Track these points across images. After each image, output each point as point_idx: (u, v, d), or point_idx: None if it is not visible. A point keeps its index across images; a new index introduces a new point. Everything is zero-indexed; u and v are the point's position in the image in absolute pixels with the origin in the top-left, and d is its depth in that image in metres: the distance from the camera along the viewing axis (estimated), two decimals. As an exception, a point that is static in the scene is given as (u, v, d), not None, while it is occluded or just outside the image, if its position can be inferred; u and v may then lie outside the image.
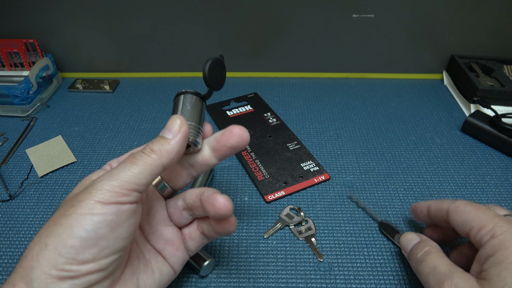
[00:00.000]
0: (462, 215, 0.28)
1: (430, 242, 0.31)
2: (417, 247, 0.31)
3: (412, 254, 0.31)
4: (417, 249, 0.30)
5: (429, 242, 0.31)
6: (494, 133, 0.49)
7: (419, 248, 0.30)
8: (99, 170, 0.30)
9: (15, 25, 0.60)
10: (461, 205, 0.28)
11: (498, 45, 0.61)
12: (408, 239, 0.32)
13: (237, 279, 0.34)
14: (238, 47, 0.62)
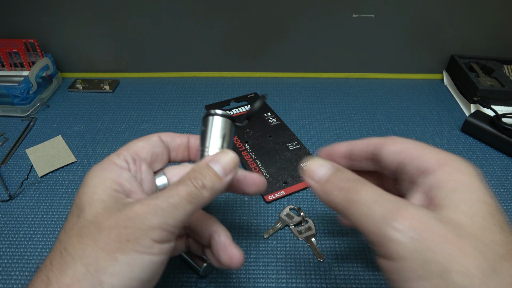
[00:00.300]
0: (399, 144, 0.24)
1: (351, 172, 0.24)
2: (338, 175, 0.24)
3: (333, 183, 0.24)
4: (341, 178, 0.23)
5: (351, 171, 0.24)
6: (494, 133, 0.48)
7: (343, 176, 0.24)
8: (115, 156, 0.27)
9: (15, 25, 0.60)
10: (396, 137, 0.25)
11: (498, 45, 0.61)
12: (321, 164, 0.25)
13: (237, 279, 0.34)
14: (238, 47, 0.62)
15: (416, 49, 0.62)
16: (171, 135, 0.31)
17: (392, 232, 0.19)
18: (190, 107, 0.58)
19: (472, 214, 0.19)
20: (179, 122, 0.55)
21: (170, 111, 0.57)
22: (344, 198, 0.22)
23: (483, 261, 0.17)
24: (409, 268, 0.18)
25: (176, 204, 0.23)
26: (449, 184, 0.20)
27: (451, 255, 0.18)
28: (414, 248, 0.18)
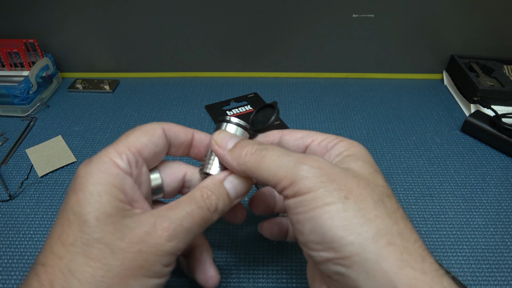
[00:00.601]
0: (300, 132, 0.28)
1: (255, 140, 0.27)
2: (245, 142, 0.26)
3: (241, 147, 0.25)
4: (248, 143, 0.25)
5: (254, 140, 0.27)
6: (494, 133, 0.49)
7: (249, 142, 0.26)
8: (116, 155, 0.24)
9: (15, 25, 0.60)
10: (291, 129, 0.29)
11: (498, 45, 0.61)
12: (228, 135, 0.27)
13: (237, 279, 0.34)
14: (238, 47, 0.62)
15: (416, 49, 0.62)
16: (176, 130, 0.28)
17: (303, 172, 0.22)
18: (190, 107, 0.58)
19: (362, 166, 0.23)
20: (179, 122, 0.54)
21: (170, 111, 0.57)
22: (255, 157, 0.24)
23: (373, 194, 0.21)
24: (317, 199, 0.21)
25: (189, 228, 0.23)
26: (346, 152, 0.25)
27: (351, 187, 0.21)
28: (321, 181, 0.21)
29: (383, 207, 0.21)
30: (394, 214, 0.21)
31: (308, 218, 0.21)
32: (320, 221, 0.21)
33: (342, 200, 0.21)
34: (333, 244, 0.20)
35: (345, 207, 0.20)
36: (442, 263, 0.36)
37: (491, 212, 0.41)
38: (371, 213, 0.20)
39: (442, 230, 0.39)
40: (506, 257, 0.36)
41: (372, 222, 0.20)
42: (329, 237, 0.20)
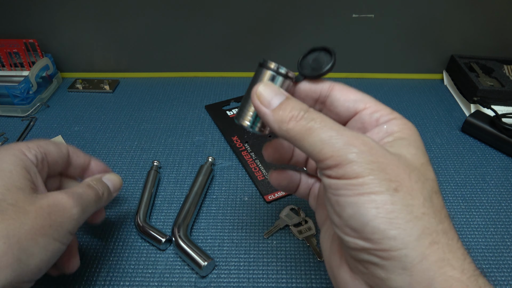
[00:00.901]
0: (354, 94, 0.25)
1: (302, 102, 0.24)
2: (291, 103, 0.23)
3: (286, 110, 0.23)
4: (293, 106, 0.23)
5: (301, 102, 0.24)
6: (494, 133, 0.49)
7: (295, 104, 0.23)
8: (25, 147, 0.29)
9: (15, 25, 0.60)
10: (345, 85, 0.26)
11: (498, 45, 0.61)
12: (274, 90, 0.24)
13: (237, 279, 0.34)
14: (238, 47, 0.62)
15: (416, 49, 0.62)
16: (77, 153, 0.34)
17: (352, 156, 0.20)
18: (190, 107, 0.58)
19: (415, 154, 0.22)
20: (179, 122, 0.55)
21: (170, 111, 0.57)
22: (301, 127, 0.22)
23: (423, 189, 0.20)
24: (364, 185, 0.20)
25: (88, 202, 0.29)
26: (399, 134, 0.23)
27: (402, 178, 0.20)
28: (371, 168, 0.20)
29: (431, 204, 0.20)
30: (440, 213, 0.20)
31: (351, 203, 0.20)
32: (363, 209, 0.19)
33: (391, 192, 0.19)
34: (373, 235, 0.19)
35: (393, 199, 0.19)
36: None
37: (491, 212, 0.41)
38: (419, 210, 0.19)
39: (442, 230, 0.39)
40: (506, 257, 0.36)
41: (419, 220, 0.19)
42: (371, 227, 0.19)
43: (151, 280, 0.34)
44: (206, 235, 0.38)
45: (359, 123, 0.25)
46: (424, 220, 0.19)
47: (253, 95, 0.24)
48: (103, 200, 0.32)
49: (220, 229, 0.39)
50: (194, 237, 0.38)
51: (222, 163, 0.47)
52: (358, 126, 0.25)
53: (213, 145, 0.50)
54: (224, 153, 0.49)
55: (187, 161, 0.48)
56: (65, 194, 0.27)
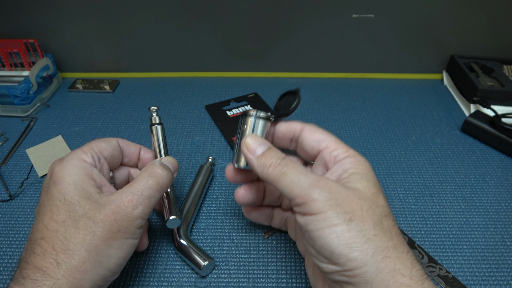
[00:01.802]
0: (318, 134, 0.30)
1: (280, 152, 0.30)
2: (271, 152, 0.29)
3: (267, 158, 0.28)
4: (273, 155, 0.29)
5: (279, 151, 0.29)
6: (494, 133, 0.49)
7: (274, 154, 0.29)
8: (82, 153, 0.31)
9: (15, 25, 0.60)
10: (314, 126, 0.31)
11: (498, 45, 0.61)
12: (259, 142, 0.30)
13: (237, 279, 0.34)
14: (238, 47, 0.62)
15: (416, 49, 0.62)
16: (127, 143, 0.36)
17: (315, 195, 0.25)
18: (190, 107, 0.58)
19: (366, 186, 0.26)
20: (179, 122, 0.55)
21: (170, 111, 0.57)
22: (277, 171, 0.28)
23: (373, 215, 0.25)
24: (326, 219, 0.24)
25: (149, 195, 0.30)
26: (352, 170, 0.27)
27: (355, 209, 0.25)
28: (329, 205, 0.25)
29: (381, 226, 0.25)
30: (390, 232, 0.25)
31: (318, 236, 0.25)
32: (328, 239, 0.24)
33: (347, 222, 0.24)
34: (339, 260, 0.24)
35: (349, 228, 0.24)
36: (442, 263, 0.36)
37: (491, 212, 0.41)
38: (370, 232, 0.24)
39: (442, 230, 0.39)
40: (506, 257, 0.36)
41: (371, 240, 0.24)
42: (336, 253, 0.24)
43: (151, 280, 0.34)
44: (206, 235, 0.39)
45: (322, 160, 0.30)
46: (376, 240, 0.24)
47: (243, 145, 0.30)
48: (167, 183, 0.32)
49: (220, 229, 0.39)
50: (194, 237, 0.38)
51: (222, 163, 0.47)
52: (322, 162, 0.30)
53: (213, 145, 0.50)
54: (224, 153, 0.49)
55: (187, 161, 0.48)
56: (127, 196, 0.29)
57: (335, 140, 0.30)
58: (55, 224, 0.27)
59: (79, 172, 0.30)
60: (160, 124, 0.38)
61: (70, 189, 0.29)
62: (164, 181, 0.32)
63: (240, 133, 0.32)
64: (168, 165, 0.34)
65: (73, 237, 0.27)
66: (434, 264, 0.36)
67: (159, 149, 0.37)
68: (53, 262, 0.26)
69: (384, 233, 0.24)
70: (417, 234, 0.39)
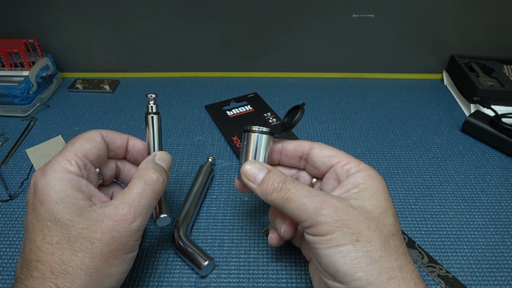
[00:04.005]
0: (329, 150, 0.31)
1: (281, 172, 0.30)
2: (271, 176, 0.29)
3: (268, 184, 0.29)
4: (273, 179, 0.29)
5: (281, 172, 0.30)
6: (494, 133, 0.49)
7: (275, 177, 0.29)
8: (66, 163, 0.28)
9: (15, 25, 0.60)
10: (322, 143, 0.32)
11: (498, 45, 0.61)
12: (258, 167, 0.30)
13: (237, 279, 0.34)
14: (238, 47, 0.62)
15: (416, 49, 0.62)
16: (113, 136, 0.33)
17: (321, 218, 0.25)
18: (190, 107, 0.58)
19: (375, 205, 0.27)
20: (179, 122, 0.55)
21: (170, 111, 0.57)
22: (281, 198, 0.28)
23: (380, 235, 0.25)
24: (333, 240, 0.25)
25: (147, 204, 0.29)
26: (363, 186, 0.28)
27: (362, 230, 0.25)
28: (336, 226, 0.25)
29: (388, 247, 0.25)
30: (397, 252, 0.25)
31: (325, 254, 0.25)
32: (334, 258, 0.25)
33: (354, 242, 0.25)
34: (344, 279, 0.24)
35: (355, 248, 0.24)
36: (442, 263, 0.36)
37: (491, 212, 0.41)
38: (377, 253, 0.24)
39: (442, 230, 0.39)
40: (506, 257, 0.36)
41: (377, 262, 0.24)
42: (342, 272, 0.24)
43: (151, 280, 0.34)
44: (206, 235, 0.39)
45: (334, 175, 0.30)
46: (381, 262, 0.24)
47: (242, 174, 0.31)
48: (162, 188, 0.31)
49: (220, 229, 0.39)
50: (194, 237, 0.38)
51: (222, 163, 0.47)
52: (333, 177, 0.31)
53: (213, 145, 0.50)
54: (224, 153, 0.49)
55: (187, 161, 0.48)
56: (123, 208, 0.27)
57: (346, 155, 0.31)
58: (49, 246, 0.26)
59: (65, 186, 0.27)
60: (156, 113, 0.34)
61: (59, 208, 0.26)
62: (160, 187, 0.30)
63: (245, 149, 0.31)
64: (162, 164, 0.32)
65: (71, 261, 0.25)
66: (434, 264, 0.36)
67: (153, 142, 0.34)
68: (54, 287, 0.25)
69: (391, 253, 0.25)
70: (417, 234, 0.39)
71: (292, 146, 0.33)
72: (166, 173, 0.32)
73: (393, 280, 0.24)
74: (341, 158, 0.30)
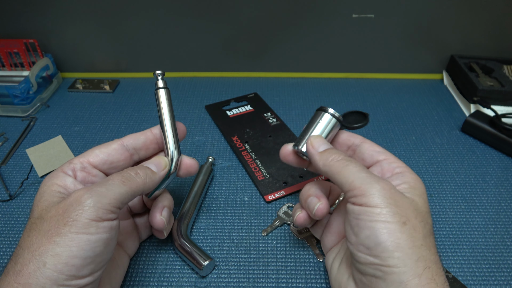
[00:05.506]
0: (378, 147, 0.33)
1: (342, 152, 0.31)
2: (333, 150, 0.31)
3: (330, 153, 0.30)
4: (335, 152, 0.31)
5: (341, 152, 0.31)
6: (494, 133, 0.49)
7: (336, 151, 0.31)
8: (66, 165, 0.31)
9: (15, 25, 0.60)
10: (373, 142, 0.34)
11: (498, 45, 0.61)
12: (322, 141, 0.32)
13: (237, 279, 0.34)
14: (238, 47, 0.62)
15: (416, 49, 0.62)
16: (134, 137, 0.35)
17: (375, 190, 0.26)
18: (190, 107, 0.58)
19: (423, 204, 0.28)
20: (179, 122, 0.55)
21: (170, 111, 0.57)
22: (339, 164, 0.29)
23: (424, 228, 0.26)
24: (381, 214, 0.26)
25: (109, 185, 0.28)
26: (412, 184, 0.29)
27: (410, 216, 0.26)
28: (388, 202, 0.26)
29: (428, 240, 0.26)
30: (433, 248, 0.26)
31: (369, 226, 0.26)
32: (378, 232, 0.25)
33: (401, 224, 0.25)
34: (382, 253, 0.25)
35: (402, 229, 0.25)
36: (442, 263, 0.36)
37: (491, 212, 0.41)
38: (419, 241, 0.25)
39: (442, 230, 0.39)
40: (506, 257, 0.36)
41: (418, 248, 0.25)
42: (382, 247, 0.25)
43: (151, 280, 0.34)
44: (206, 235, 0.39)
45: (379, 168, 0.31)
46: (422, 250, 0.25)
47: (308, 143, 0.32)
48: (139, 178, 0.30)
49: (220, 229, 0.39)
50: (194, 237, 0.38)
51: (222, 163, 0.47)
52: (378, 170, 0.31)
53: (213, 145, 0.50)
54: (224, 153, 0.49)
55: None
56: (82, 189, 0.27)
57: (393, 155, 0.32)
58: (23, 233, 0.27)
59: (51, 181, 0.29)
60: (164, 88, 0.34)
61: (38, 197, 0.28)
62: (130, 175, 0.30)
63: (314, 124, 0.33)
64: (149, 165, 0.32)
65: (24, 242, 0.25)
66: (434, 264, 0.36)
67: (163, 118, 0.34)
68: (5, 272, 0.25)
69: (430, 247, 0.26)
70: (417, 234, 0.39)
71: (345, 135, 0.35)
72: (145, 170, 0.31)
73: (429, 269, 0.24)
74: (388, 156, 0.32)
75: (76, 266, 0.25)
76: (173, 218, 0.37)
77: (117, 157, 0.33)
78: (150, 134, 0.35)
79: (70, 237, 0.25)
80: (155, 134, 0.35)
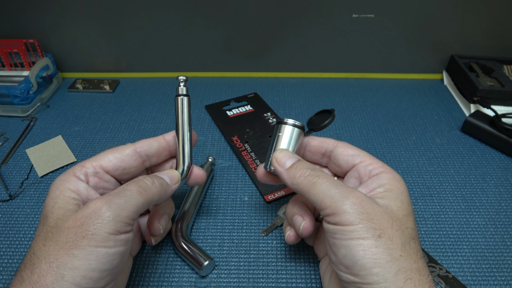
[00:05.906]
0: (352, 150, 0.32)
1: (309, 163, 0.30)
2: (301, 164, 0.30)
3: (297, 169, 0.29)
4: (303, 166, 0.29)
5: (309, 163, 0.30)
6: (494, 133, 0.49)
7: (305, 165, 0.29)
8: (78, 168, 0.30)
9: (15, 25, 0.60)
10: (347, 143, 0.33)
11: (498, 45, 0.61)
12: (288, 155, 0.31)
13: (237, 279, 0.34)
14: (238, 47, 0.62)
15: (416, 49, 0.62)
16: (147, 143, 0.33)
17: (346, 207, 0.25)
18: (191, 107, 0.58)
19: (399, 207, 0.27)
20: (179, 122, 0.55)
21: (170, 111, 0.57)
22: (307, 181, 0.28)
23: (402, 236, 0.25)
24: (355, 231, 0.25)
25: (127, 197, 0.27)
26: (388, 186, 0.28)
27: (385, 227, 0.25)
28: (360, 218, 0.25)
29: (408, 248, 0.25)
30: (415, 255, 0.25)
31: (344, 245, 0.25)
32: (354, 250, 0.24)
33: (376, 238, 0.24)
34: (360, 272, 0.24)
35: (377, 244, 0.24)
36: (442, 263, 0.36)
37: (491, 212, 0.41)
38: (397, 252, 0.24)
39: (442, 230, 0.39)
40: (506, 257, 0.36)
41: (396, 260, 0.24)
42: (359, 265, 0.24)
43: (151, 280, 0.34)
44: (206, 235, 0.39)
45: (356, 173, 0.31)
46: (401, 261, 0.24)
47: (273, 159, 0.31)
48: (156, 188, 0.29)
49: (220, 229, 0.39)
50: (194, 237, 0.38)
51: (222, 163, 0.47)
52: (355, 176, 0.31)
53: (213, 145, 0.50)
54: (224, 153, 0.49)
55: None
56: (99, 200, 0.26)
57: (369, 156, 0.31)
58: (33, 240, 0.26)
59: (63, 185, 0.28)
60: (187, 95, 0.33)
61: (50, 202, 0.27)
62: (147, 185, 0.29)
63: (276, 139, 0.32)
64: (163, 176, 0.31)
65: (39, 251, 0.25)
66: (434, 264, 0.36)
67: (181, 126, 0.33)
68: (19, 278, 0.25)
69: (410, 255, 0.25)
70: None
71: (316, 142, 0.33)
72: (160, 181, 0.31)
73: (410, 280, 0.24)
74: (364, 158, 0.31)
75: (93, 279, 0.25)
76: (171, 224, 0.37)
77: (130, 163, 0.32)
78: (163, 141, 0.34)
79: (88, 250, 0.25)
80: (168, 141, 0.34)
